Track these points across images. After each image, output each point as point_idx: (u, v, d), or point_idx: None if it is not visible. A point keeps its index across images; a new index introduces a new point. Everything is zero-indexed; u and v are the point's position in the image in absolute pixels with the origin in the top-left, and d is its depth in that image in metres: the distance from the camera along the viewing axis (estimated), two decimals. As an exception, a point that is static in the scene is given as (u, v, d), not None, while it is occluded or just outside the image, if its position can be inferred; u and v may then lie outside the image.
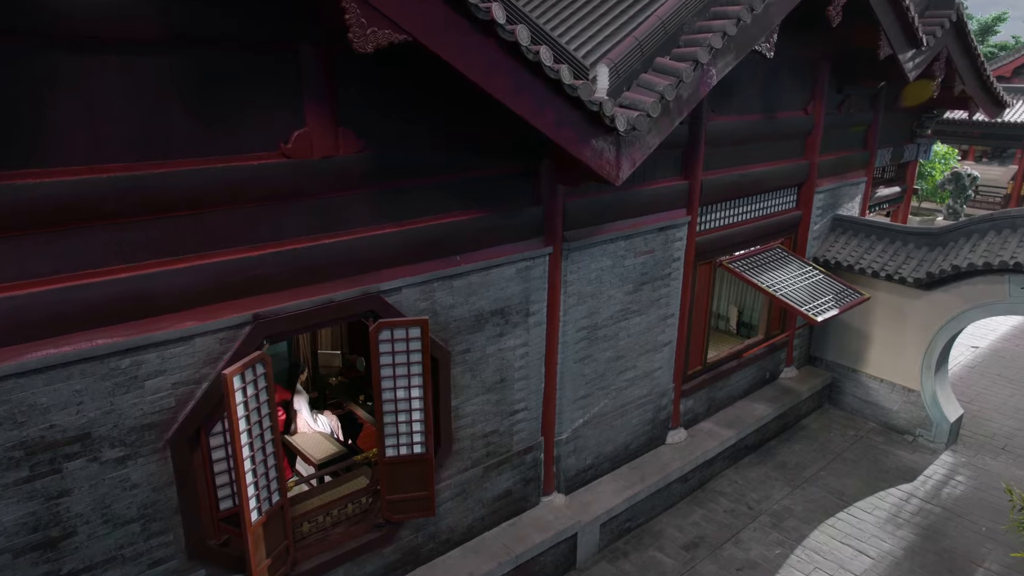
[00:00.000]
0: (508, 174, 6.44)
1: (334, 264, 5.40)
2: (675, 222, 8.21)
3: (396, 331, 5.69)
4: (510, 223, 6.52)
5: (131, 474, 4.72)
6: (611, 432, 8.37)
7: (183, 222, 4.65)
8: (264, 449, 5.19)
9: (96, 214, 4.29)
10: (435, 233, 5.96)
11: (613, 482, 8.38)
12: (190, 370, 4.83)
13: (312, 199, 5.21)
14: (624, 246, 7.69)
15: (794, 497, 9.01)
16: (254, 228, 4.97)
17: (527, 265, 6.73)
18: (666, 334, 8.68)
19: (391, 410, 5.91)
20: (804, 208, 10.48)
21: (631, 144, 6.15)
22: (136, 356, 4.57)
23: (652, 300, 8.30)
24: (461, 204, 6.14)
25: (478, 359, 6.59)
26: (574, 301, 7.35)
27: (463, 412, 6.64)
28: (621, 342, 8.10)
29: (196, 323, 4.77)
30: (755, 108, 8.97)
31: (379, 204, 5.59)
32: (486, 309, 6.51)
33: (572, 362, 7.57)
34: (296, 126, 4.99)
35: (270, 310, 5.09)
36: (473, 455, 6.87)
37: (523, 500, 7.56)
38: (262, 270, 5.02)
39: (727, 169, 8.88)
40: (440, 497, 6.67)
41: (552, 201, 6.78)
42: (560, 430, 7.73)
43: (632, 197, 7.65)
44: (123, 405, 4.58)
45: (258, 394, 5.04)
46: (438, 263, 6.04)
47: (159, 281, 4.59)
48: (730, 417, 9.97)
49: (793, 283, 9.36)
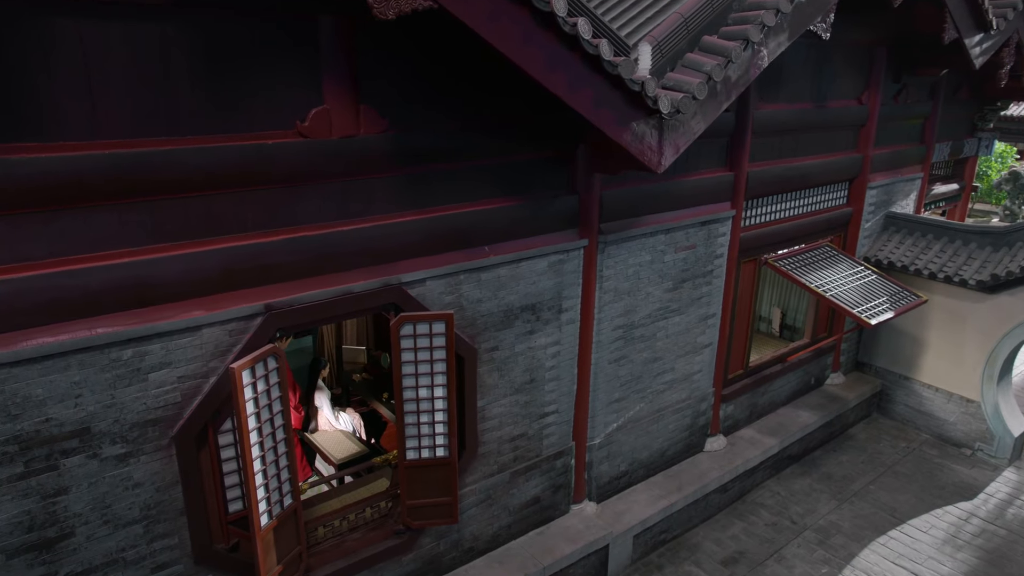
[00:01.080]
0: (541, 160, 6.03)
1: (353, 253, 5.04)
2: (719, 216, 7.70)
3: (419, 326, 5.32)
4: (543, 213, 6.10)
5: (133, 472, 4.43)
6: (646, 438, 7.91)
7: (191, 204, 4.33)
8: (276, 449, 4.86)
9: (96, 193, 3.99)
10: (462, 222, 5.57)
11: (647, 491, 7.91)
12: (197, 363, 4.52)
13: (330, 182, 4.86)
14: (664, 240, 7.22)
15: (841, 512, 8.43)
16: (267, 212, 4.64)
17: (560, 258, 6.31)
18: (707, 335, 8.18)
19: (413, 410, 5.54)
20: (855, 204, 9.86)
21: (674, 129, 5.69)
22: (139, 347, 4.26)
23: (692, 299, 7.81)
24: (490, 192, 5.74)
25: (507, 358, 6.19)
26: (610, 298, 6.90)
27: (490, 414, 6.25)
28: (659, 343, 7.63)
29: (203, 313, 4.45)
30: (806, 96, 8.40)
31: (402, 189, 5.22)
32: (516, 304, 6.10)
33: (606, 363, 7.13)
34: (314, 103, 4.64)
35: (283, 300, 4.76)
36: (500, 459, 6.48)
37: (552, 508, 7.14)
38: (275, 257, 4.69)
39: (775, 161, 8.34)
40: (464, 503, 6.29)
41: (588, 190, 6.35)
42: (592, 434, 7.29)
43: (673, 188, 7.17)
44: (125, 399, 4.29)
45: (269, 390, 4.71)
46: (465, 254, 5.66)
47: (164, 267, 4.28)
48: (772, 424, 9.42)
49: (844, 283, 8.77)
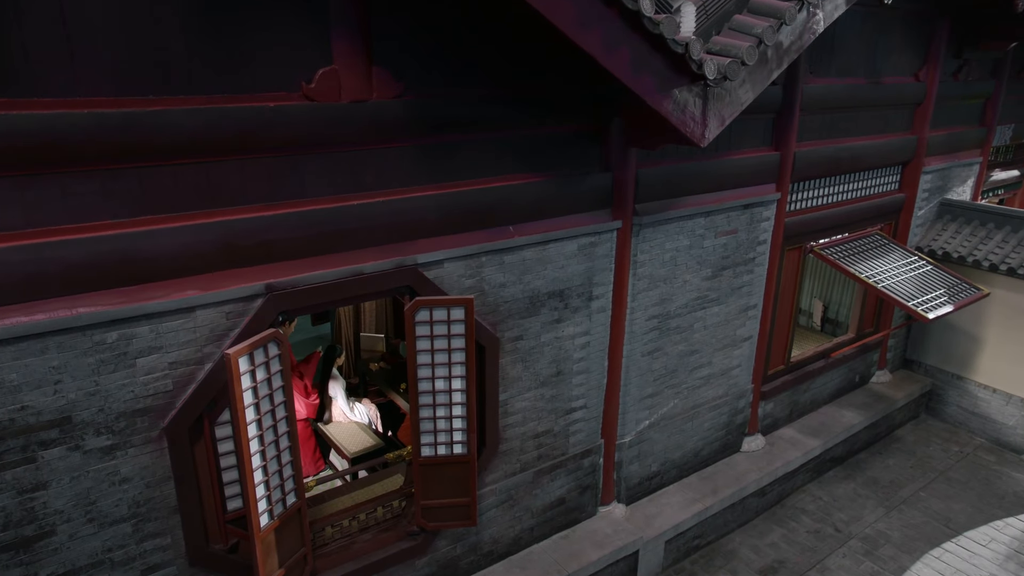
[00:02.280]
0: (572, 134, 5.52)
1: (364, 230, 4.59)
2: (763, 199, 7.12)
3: (436, 311, 4.86)
4: (573, 191, 5.60)
5: (120, 466, 4.04)
6: (680, 436, 7.39)
7: (184, 173, 3.91)
8: (277, 444, 4.45)
9: (77, 157, 3.58)
10: (485, 198, 5.09)
11: (680, 493, 7.40)
12: (190, 348, 4.11)
13: (339, 151, 4.41)
14: (703, 224, 6.67)
15: (890, 520, 7.83)
16: (269, 183, 4.20)
17: (591, 241, 5.80)
18: (747, 327, 7.61)
19: (428, 403, 5.09)
20: (908, 190, 9.18)
21: (720, 98, 5.14)
22: (125, 328, 3.86)
23: (733, 288, 7.25)
24: (516, 166, 5.25)
25: (531, 348, 5.71)
26: (644, 285, 6.38)
27: (512, 408, 5.78)
28: (696, 335, 7.09)
29: (198, 292, 4.04)
30: (859, 70, 7.76)
31: (419, 161, 4.76)
32: (542, 290, 5.61)
33: (639, 355, 6.61)
34: (322, 63, 4.19)
35: (286, 280, 4.33)
36: (522, 458, 6.01)
37: (578, 510, 6.66)
38: (278, 233, 4.25)
39: (824, 141, 7.72)
40: (483, 504, 5.84)
41: (623, 167, 5.82)
42: (623, 432, 6.79)
43: (714, 168, 6.61)
44: (110, 386, 3.89)
45: (270, 379, 4.29)
46: (488, 234, 5.18)
47: (154, 241, 3.87)
48: (814, 424, 8.83)
49: (896, 274, 8.13)
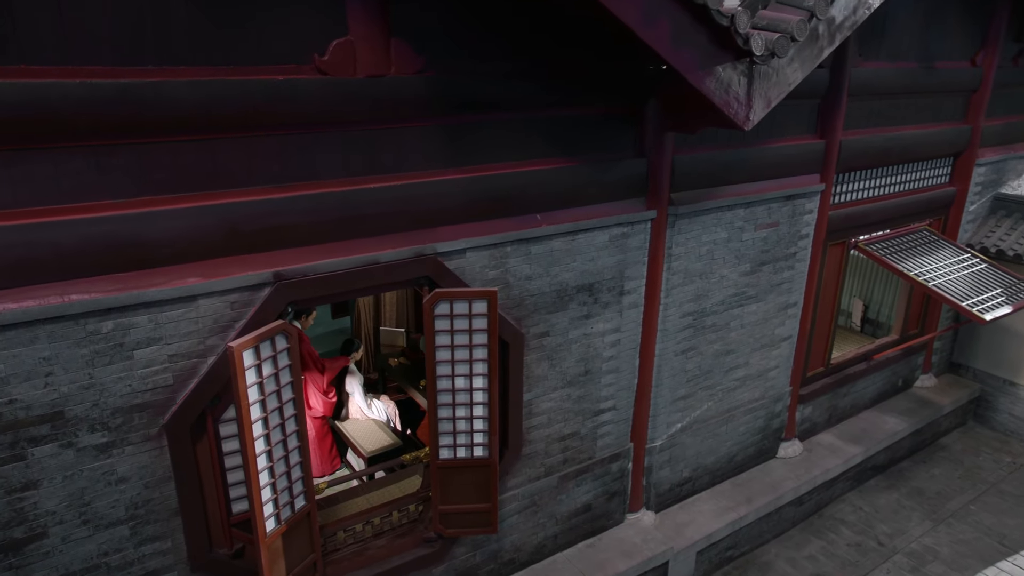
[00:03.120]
0: (605, 116, 5.15)
1: (380, 215, 4.28)
2: (805, 190, 6.68)
3: (457, 304, 4.53)
4: (605, 178, 5.23)
5: (117, 465, 3.77)
6: (714, 441, 6.99)
7: (186, 150, 3.62)
8: (285, 443, 4.15)
9: (70, 131, 3.30)
10: (510, 184, 4.75)
11: (713, 500, 7.00)
12: (192, 340, 3.82)
13: (354, 130, 4.09)
14: (743, 216, 6.25)
15: (937, 535, 7.35)
16: (278, 163, 3.90)
17: (624, 232, 5.43)
18: (786, 327, 7.18)
19: (448, 403, 4.77)
20: (960, 183, 8.64)
21: (767, 77, 4.73)
22: (122, 318, 3.58)
23: (772, 285, 6.82)
24: (545, 149, 4.90)
25: (558, 345, 5.36)
26: (679, 280, 5.99)
27: (537, 409, 5.43)
28: (732, 333, 6.68)
29: (200, 280, 3.75)
30: (911, 54, 7.26)
31: (441, 142, 4.42)
32: (571, 284, 5.26)
33: (672, 355, 6.23)
34: (336, 33, 3.87)
35: (296, 269, 4.02)
36: (547, 461, 5.66)
37: (605, 517, 6.30)
38: (287, 217, 3.95)
39: (872, 129, 7.24)
40: (504, 510, 5.51)
41: (658, 153, 5.44)
42: (653, 436, 6.42)
43: (755, 155, 6.19)
44: (105, 379, 3.62)
45: (278, 374, 4.00)
46: (513, 222, 4.83)
47: (153, 224, 3.58)
48: (854, 430, 8.36)
49: (948, 272, 7.64)
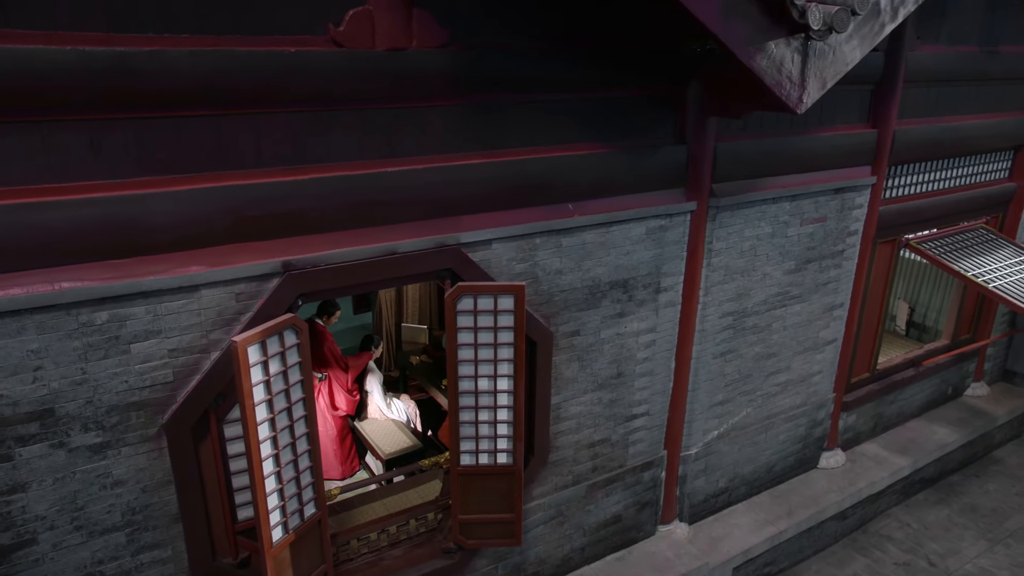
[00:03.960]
0: (643, 99, 4.78)
1: (399, 202, 3.95)
2: (855, 183, 6.22)
3: (481, 299, 4.19)
4: (643, 166, 4.85)
5: (112, 467, 3.49)
6: (752, 449, 6.56)
7: (188, 127, 3.33)
8: (294, 446, 3.85)
9: (61, 103, 3.03)
10: (541, 170, 4.40)
11: (750, 513, 6.58)
12: (194, 333, 3.53)
13: (372, 108, 3.77)
14: (788, 209, 5.83)
15: (995, 556, 6.84)
16: (289, 143, 3.59)
17: (661, 224, 5.05)
18: (831, 329, 6.73)
19: (470, 405, 4.43)
20: (1021, 179, 8.08)
21: (823, 55, 4.32)
22: (118, 308, 3.30)
23: (817, 284, 6.38)
24: (578, 134, 4.54)
25: (589, 345, 4.99)
26: (719, 277, 5.59)
27: (566, 413, 5.08)
28: (774, 335, 6.25)
29: (203, 269, 3.45)
30: (972, 37, 6.74)
31: (466, 123, 4.09)
32: (604, 279, 4.89)
33: (710, 357, 5.82)
34: (353, 2, 3.55)
35: (307, 259, 3.71)
36: (575, 469, 5.30)
37: (635, 529, 5.92)
38: (298, 202, 3.64)
39: (928, 119, 6.75)
40: (529, 520, 5.16)
41: (700, 140, 5.04)
42: (688, 443, 6.02)
43: (803, 145, 5.76)
44: (99, 374, 3.34)
45: (286, 372, 3.69)
46: (543, 212, 4.48)
47: (152, 207, 3.29)
48: (901, 440, 7.86)
49: (1009, 273, 7.12)
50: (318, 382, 6.31)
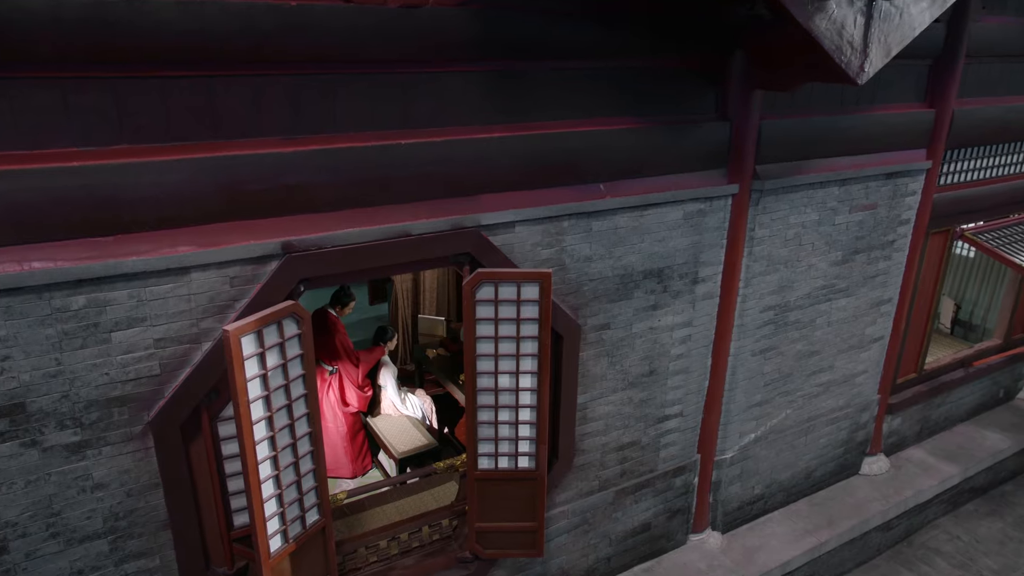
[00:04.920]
0: (682, 70, 4.34)
1: (413, 178, 3.56)
2: (909, 167, 5.72)
3: (503, 287, 3.79)
4: (681, 144, 4.42)
5: (92, 469, 3.15)
6: (790, 454, 6.11)
7: (176, 88, 2.96)
8: (295, 448, 3.49)
9: (27, 56, 2.67)
10: (570, 146, 3.98)
11: (788, 522, 6.13)
12: (183, 321, 3.17)
13: (383, 72, 3.37)
14: (837, 195, 5.35)
15: (1055, 573, 6.33)
16: (290, 110, 3.21)
17: (700, 209, 4.61)
18: (877, 326, 6.24)
19: (489, 404, 4.04)
20: (1085, 167, 7.50)
21: (888, 19, 3.84)
22: (96, 292, 2.95)
23: (865, 277, 5.90)
24: (611, 107, 4.11)
25: (620, 340, 4.58)
26: (761, 268, 5.13)
27: (593, 414, 4.67)
28: (817, 332, 5.79)
29: (193, 249, 3.09)
30: (1039, 11, 6.20)
31: (488, 92, 3.68)
32: (637, 268, 4.47)
33: (749, 354, 5.38)
34: (362, -50, 3.16)
35: (309, 239, 3.34)
36: (602, 474, 4.90)
37: (665, 538, 5.51)
38: (299, 176, 3.26)
39: (991, 98, 6.21)
40: (551, 528, 4.77)
41: (744, 116, 4.59)
42: (723, 447, 5.58)
43: (854, 124, 5.28)
44: (76, 366, 2.99)
45: (286, 366, 3.32)
46: (572, 192, 4.07)
47: (135, 178, 2.93)
48: (949, 446, 7.35)
49: (1073, 268, 6.57)
50: (328, 376, 5.96)
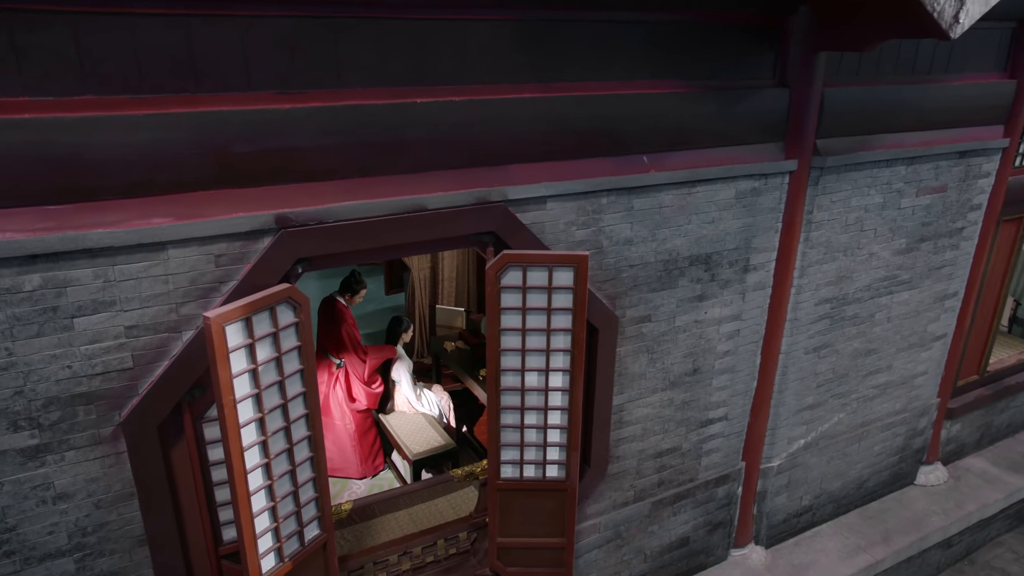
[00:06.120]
0: (736, 27, 3.79)
1: (430, 143, 3.07)
2: (984, 146, 5.12)
3: (532, 272, 3.30)
4: (734, 112, 3.88)
5: (54, 477, 2.71)
6: (842, 462, 5.56)
7: (149, 28, 2.48)
8: (291, 454, 3.02)
9: (-34, -15, 2.22)
10: (610, 111, 3.46)
11: (838, 536, 5.59)
12: (160, 306, 2.72)
13: (395, 18, 2.88)
14: (904, 175, 4.78)
15: None
16: (286, 60, 2.73)
17: (754, 187, 4.07)
18: (941, 322, 5.66)
19: (515, 405, 3.55)
20: None
21: (986, -36, 3.28)
22: (54, 270, 2.50)
23: (930, 268, 5.32)
24: (657, 67, 3.58)
25: (662, 334, 4.07)
26: (818, 256, 4.59)
27: (630, 417, 4.16)
28: (876, 328, 5.22)
29: (170, 221, 2.63)
30: None
31: (516, 46, 3.17)
32: (682, 253, 3.95)
33: (802, 352, 4.84)
34: None
35: (308, 212, 2.86)
36: (637, 483, 4.40)
37: (705, 553, 5.00)
38: (297, 138, 2.79)
39: (1073, 70, 5.59)
40: (581, 543, 4.28)
41: (805, 82, 4.04)
42: (770, 453, 5.05)
43: (925, 95, 4.70)
44: (32, 357, 2.54)
45: (280, 359, 2.86)
46: (612, 164, 3.55)
47: (100, 135, 2.47)
48: (1012, 455, 6.75)
49: None
50: (335, 370, 5.51)
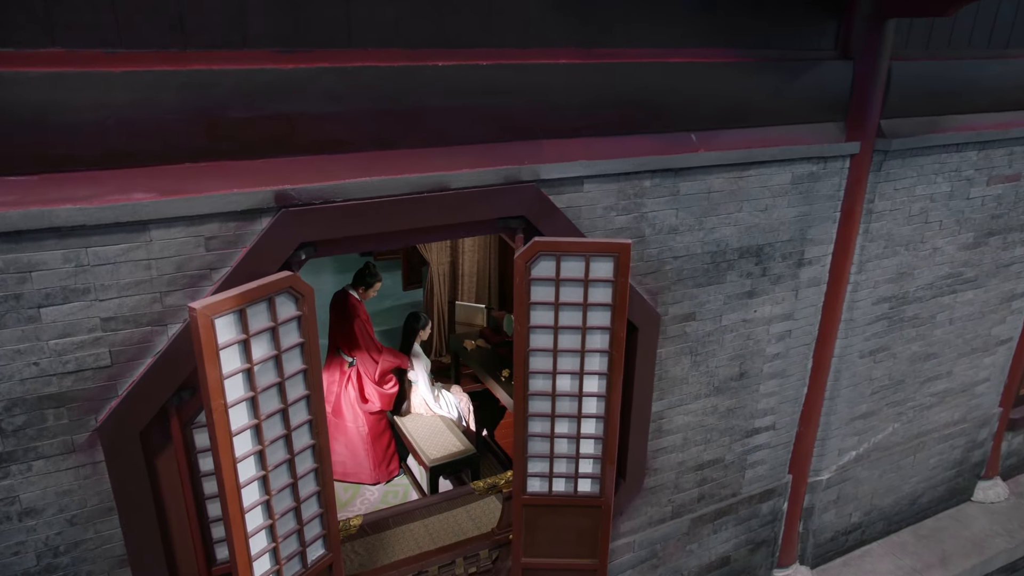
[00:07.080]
0: (798, -10, 3.39)
1: (452, 113, 2.69)
2: (1062, 131, 4.66)
3: (567, 262, 2.91)
4: (791, 87, 3.46)
5: (19, 489, 2.38)
6: (895, 476, 5.11)
7: (129, -29, 2.14)
8: (292, 465, 2.67)
9: (-91, -89, 1.88)
10: (655, 82, 3.07)
11: (891, 557, 5.14)
12: (142, 295, 2.37)
13: (414, -34, 2.52)
14: (974, 162, 4.33)
15: None
16: (288, 14, 2.37)
17: (812, 171, 3.65)
18: (1006, 325, 5.19)
19: (544, 412, 3.17)
20: None
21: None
22: (17, 252, 2.16)
23: (998, 265, 4.85)
24: (703, 35, 3.18)
25: (707, 334, 3.66)
26: (878, 249, 4.15)
27: (670, 425, 3.76)
28: (937, 330, 4.77)
29: (152, 197, 2.28)
30: None
31: (548, 4, 2.79)
32: (732, 244, 3.54)
33: (856, 355, 4.40)
34: None
35: (312, 189, 2.50)
36: (676, 498, 4.00)
37: (746, 574, 4.59)
38: (301, 103, 2.42)
39: None
40: (614, 562, 3.89)
41: (870, 55, 3.61)
42: (819, 466, 4.63)
43: (1002, 72, 4.24)
44: (-7, 352, 2.22)
45: (280, 358, 2.50)
46: (656, 142, 3.15)
47: (70, 94, 2.13)
48: (1075, 468, 6.25)
49: None
50: (347, 368, 5.17)
